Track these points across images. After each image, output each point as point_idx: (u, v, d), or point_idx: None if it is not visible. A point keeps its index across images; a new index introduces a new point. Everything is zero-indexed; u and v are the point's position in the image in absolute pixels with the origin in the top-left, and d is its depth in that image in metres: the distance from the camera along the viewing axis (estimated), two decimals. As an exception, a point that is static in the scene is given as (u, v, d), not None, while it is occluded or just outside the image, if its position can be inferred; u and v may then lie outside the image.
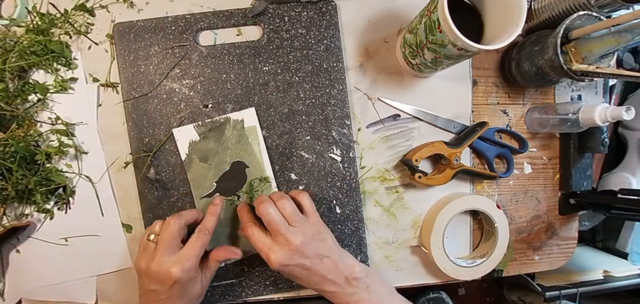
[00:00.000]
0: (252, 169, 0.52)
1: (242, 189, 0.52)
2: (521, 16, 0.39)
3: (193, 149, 0.51)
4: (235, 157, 0.52)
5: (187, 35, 0.52)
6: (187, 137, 0.51)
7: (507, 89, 0.58)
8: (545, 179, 0.60)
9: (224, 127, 0.52)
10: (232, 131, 0.52)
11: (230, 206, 0.52)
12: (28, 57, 0.49)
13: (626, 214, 0.54)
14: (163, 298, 0.43)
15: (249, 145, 0.52)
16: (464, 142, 0.54)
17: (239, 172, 0.52)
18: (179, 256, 0.43)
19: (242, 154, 0.52)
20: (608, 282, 0.73)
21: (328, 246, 0.45)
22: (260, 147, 0.52)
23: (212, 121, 0.51)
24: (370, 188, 0.56)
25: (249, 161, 0.52)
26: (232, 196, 0.52)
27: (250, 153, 0.52)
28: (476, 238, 0.60)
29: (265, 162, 0.52)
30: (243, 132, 0.52)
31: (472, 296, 1.16)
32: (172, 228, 0.43)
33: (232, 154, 0.52)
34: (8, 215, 0.51)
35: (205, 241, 0.45)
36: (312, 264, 0.43)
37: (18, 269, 0.53)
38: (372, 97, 0.56)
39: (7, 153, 0.47)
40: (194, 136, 0.51)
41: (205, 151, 0.52)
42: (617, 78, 0.48)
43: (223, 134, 0.52)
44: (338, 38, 0.54)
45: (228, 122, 0.52)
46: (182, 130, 0.51)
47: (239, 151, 0.52)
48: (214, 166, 0.52)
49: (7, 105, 0.48)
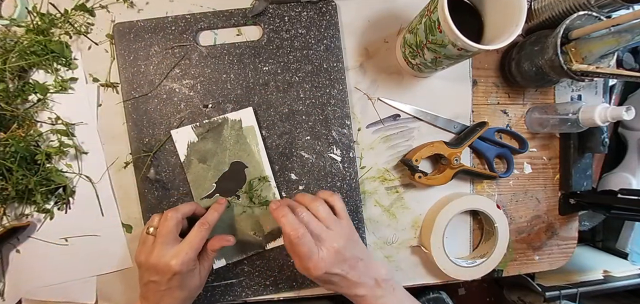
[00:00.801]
0: (251, 169, 0.52)
1: (241, 189, 0.52)
2: (521, 16, 0.39)
3: (192, 150, 0.51)
4: (234, 157, 0.52)
5: (187, 35, 0.52)
6: (185, 138, 0.51)
7: (507, 89, 0.58)
8: (545, 179, 0.60)
9: (222, 128, 0.52)
10: (231, 131, 0.52)
11: (227, 208, 0.52)
12: (28, 57, 0.49)
13: (626, 214, 0.54)
14: (163, 289, 0.43)
15: (247, 145, 0.52)
16: (464, 142, 0.54)
17: (238, 173, 0.52)
18: (178, 249, 0.43)
19: (240, 154, 0.52)
20: (608, 282, 0.73)
21: (361, 247, 0.45)
22: (259, 147, 0.52)
23: (210, 121, 0.51)
24: (370, 188, 0.56)
25: (248, 161, 0.52)
26: (231, 196, 0.52)
27: (249, 153, 0.52)
28: (476, 238, 0.60)
29: (264, 162, 0.52)
30: (241, 132, 0.52)
31: (472, 296, 1.16)
32: (170, 222, 0.44)
33: (231, 154, 0.52)
34: (8, 215, 0.51)
35: (205, 235, 0.45)
36: (349, 268, 0.42)
37: (18, 269, 0.53)
38: (372, 97, 0.56)
39: (7, 153, 0.47)
40: (192, 137, 0.51)
41: (204, 151, 0.52)
42: (617, 78, 0.48)
43: (221, 134, 0.52)
44: (338, 38, 0.54)
45: (226, 122, 0.52)
46: (180, 131, 0.51)
47: (237, 151, 0.52)
48: (213, 166, 0.52)
49: (7, 105, 0.48)
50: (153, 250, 0.43)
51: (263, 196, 0.52)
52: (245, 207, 0.52)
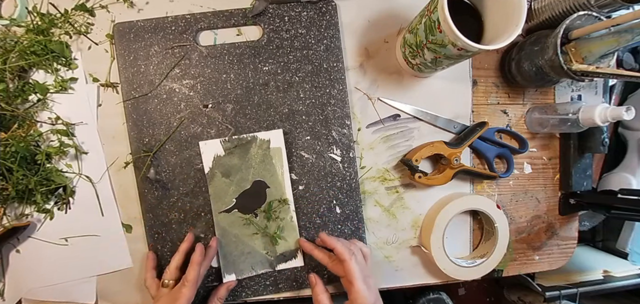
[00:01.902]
0: (273, 190, 0.52)
1: (260, 208, 0.52)
2: (521, 16, 0.39)
3: (217, 163, 0.52)
4: (257, 176, 0.52)
5: (187, 35, 0.52)
6: (212, 151, 0.51)
7: (507, 89, 0.58)
8: (545, 179, 0.60)
9: (249, 145, 0.52)
10: (258, 149, 0.52)
11: (244, 224, 0.52)
12: (28, 57, 0.49)
13: (626, 214, 0.54)
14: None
15: (272, 166, 0.52)
16: (464, 142, 0.54)
17: (260, 192, 0.52)
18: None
19: (264, 174, 0.52)
20: (608, 282, 0.73)
21: (378, 297, 0.47)
22: (284, 169, 0.52)
23: (239, 137, 0.52)
24: (370, 188, 0.56)
25: (270, 181, 0.52)
26: (249, 214, 0.52)
27: (273, 174, 0.52)
28: (476, 238, 0.60)
29: (286, 185, 0.52)
30: (268, 153, 0.52)
31: (472, 296, 1.16)
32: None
33: (255, 172, 0.52)
34: (8, 215, 0.51)
35: (188, 294, 0.45)
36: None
37: (18, 269, 0.53)
38: (372, 97, 0.56)
39: (7, 153, 0.47)
40: (219, 150, 0.52)
41: (229, 166, 0.52)
42: (617, 78, 0.48)
43: (248, 152, 0.52)
44: (338, 38, 0.54)
45: (255, 140, 0.52)
46: (208, 143, 0.51)
47: (261, 170, 0.52)
48: (236, 182, 0.52)
49: (7, 105, 0.48)
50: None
51: (281, 218, 0.53)
52: (261, 227, 0.53)
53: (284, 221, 0.53)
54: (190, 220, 0.52)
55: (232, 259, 0.52)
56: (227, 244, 0.52)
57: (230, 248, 0.52)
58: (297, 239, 0.53)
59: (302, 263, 0.54)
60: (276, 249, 0.53)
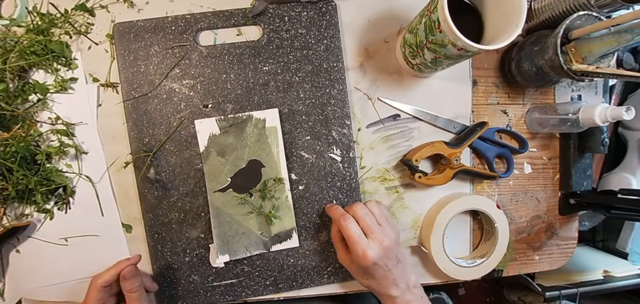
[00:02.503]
0: (268, 169, 0.52)
1: (255, 188, 0.52)
2: (521, 16, 0.39)
3: (212, 142, 0.52)
4: (252, 155, 0.52)
5: (187, 35, 0.52)
6: (208, 129, 0.52)
7: (507, 89, 0.58)
8: (545, 179, 0.60)
9: (245, 124, 0.52)
10: (253, 129, 0.52)
11: (239, 204, 0.52)
12: (28, 57, 0.49)
13: (626, 214, 0.54)
14: None
15: (268, 145, 0.52)
16: (464, 142, 0.54)
17: (255, 171, 0.52)
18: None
19: (259, 153, 0.52)
20: (608, 282, 0.73)
21: (402, 251, 0.48)
22: (279, 149, 0.52)
23: (234, 117, 0.52)
24: (370, 188, 0.56)
25: (265, 160, 0.52)
26: (244, 193, 0.52)
27: (268, 153, 0.52)
28: (476, 238, 0.60)
29: (281, 164, 0.52)
30: (263, 132, 0.52)
31: (472, 296, 1.16)
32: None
33: (250, 152, 0.52)
34: (8, 215, 0.51)
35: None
36: (391, 266, 0.46)
37: (18, 269, 0.53)
38: (372, 97, 0.56)
39: (7, 153, 0.47)
40: (215, 129, 0.52)
41: (224, 145, 0.52)
42: (617, 78, 0.48)
43: (244, 131, 0.52)
44: (338, 38, 0.54)
45: (250, 119, 0.52)
46: (203, 122, 0.51)
47: (257, 149, 0.52)
48: (231, 161, 0.52)
49: (7, 105, 0.48)
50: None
51: (276, 197, 0.53)
52: (256, 206, 0.53)
53: (279, 201, 0.53)
54: (190, 220, 0.52)
55: (226, 240, 0.52)
56: (221, 224, 0.52)
57: (224, 228, 0.52)
58: (292, 218, 0.53)
59: (297, 244, 0.54)
60: (271, 229, 0.53)
